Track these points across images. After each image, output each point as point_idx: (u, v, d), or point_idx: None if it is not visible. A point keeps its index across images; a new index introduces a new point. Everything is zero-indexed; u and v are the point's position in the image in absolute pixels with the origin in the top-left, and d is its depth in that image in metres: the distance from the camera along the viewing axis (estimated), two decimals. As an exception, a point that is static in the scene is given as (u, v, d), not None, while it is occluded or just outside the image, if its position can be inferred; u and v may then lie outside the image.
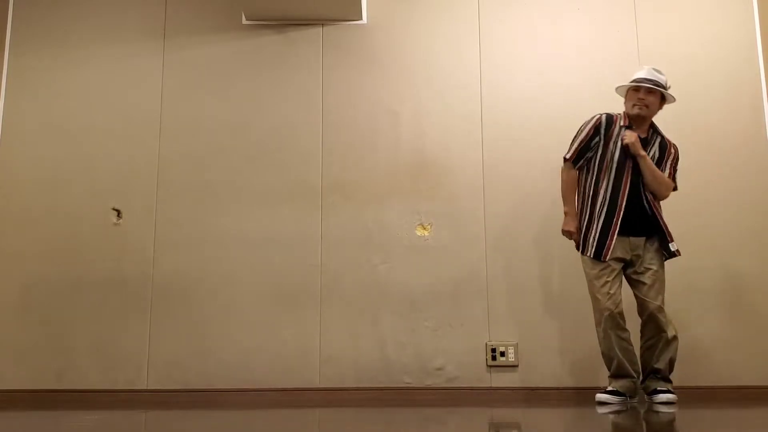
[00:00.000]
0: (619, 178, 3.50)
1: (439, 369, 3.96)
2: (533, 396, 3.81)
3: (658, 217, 3.54)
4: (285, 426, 2.70)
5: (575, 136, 3.61)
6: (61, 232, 4.13)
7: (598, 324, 3.48)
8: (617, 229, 3.46)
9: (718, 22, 4.30)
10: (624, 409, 3.20)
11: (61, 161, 4.22)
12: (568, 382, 3.92)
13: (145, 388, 3.97)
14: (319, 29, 4.33)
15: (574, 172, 3.60)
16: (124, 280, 4.08)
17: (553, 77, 4.25)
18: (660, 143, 3.62)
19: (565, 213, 3.57)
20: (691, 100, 4.21)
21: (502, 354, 3.97)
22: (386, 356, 3.99)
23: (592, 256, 3.48)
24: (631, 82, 3.57)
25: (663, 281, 3.55)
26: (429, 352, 3.99)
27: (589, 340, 3.97)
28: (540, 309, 3.99)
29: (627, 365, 3.45)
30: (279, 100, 4.26)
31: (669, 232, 3.55)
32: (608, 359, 3.49)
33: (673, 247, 3.55)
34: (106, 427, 2.66)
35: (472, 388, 3.92)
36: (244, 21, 4.35)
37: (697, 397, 3.86)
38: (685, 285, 4.02)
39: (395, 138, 4.21)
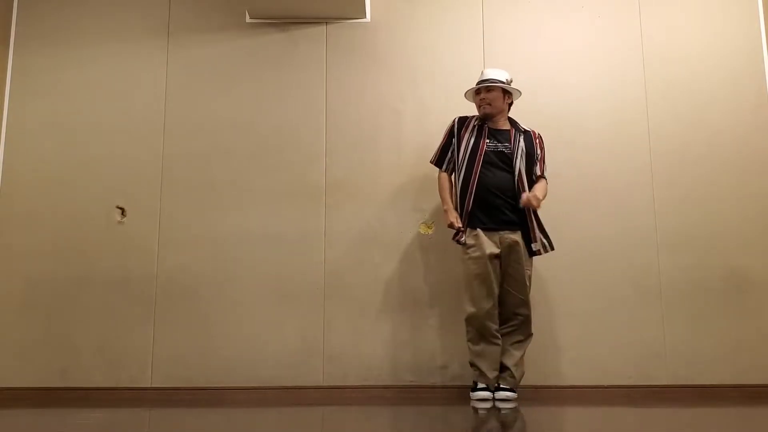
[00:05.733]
0: (470, 170, 3.65)
1: (442, 367, 3.96)
2: (536, 394, 3.81)
3: (526, 214, 3.64)
4: (289, 424, 2.71)
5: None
6: (65, 231, 4.14)
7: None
8: (467, 221, 3.63)
9: (722, 20, 4.30)
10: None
11: (65, 160, 4.22)
12: (570, 380, 3.92)
13: (149, 386, 3.98)
14: (323, 28, 4.33)
15: (444, 175, 3.79)
16: (128, 279, 4.09)
17: (556, 75, 4.25)
18: (525, 137, 3.74)
19: (445, 210, 3.74)
20: (695, 98, 4.21)
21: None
22: (390, 354, 3.99)
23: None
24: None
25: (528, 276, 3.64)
26: (432, 350, 3.99)
27: (591, 338, 3.97)
28: (542, 308, 3.98)
29: None
30: (282, 98, 4.26)
31: (535, 230, 3.63)
32: None
33: (534, 246, 3.64)
34: (110, 425, 2.66)
35: (475, 387, 3.92)
36: (248, 19, 4.35)
37: (702, 395, 3.85)
38: (690, 284, 4.02)
39: (398, 136, 4.21)
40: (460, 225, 3.63)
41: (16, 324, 4.06)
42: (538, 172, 3.74)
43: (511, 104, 3.79)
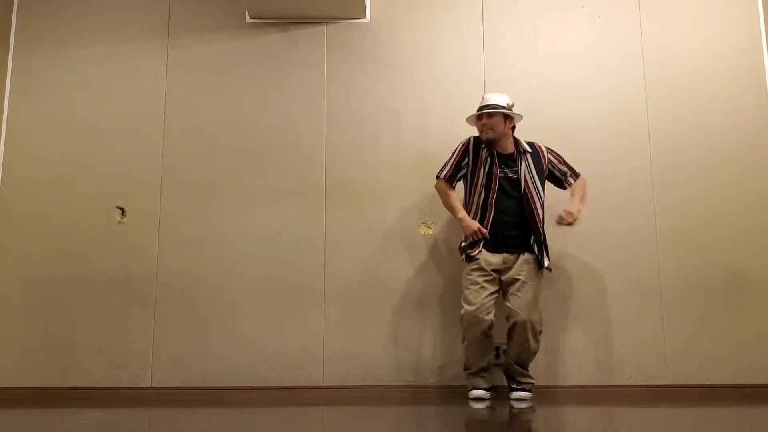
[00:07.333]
0: (487, 196, 3.67)
1: (442, 367, 3.96)
2: (537, 395, 3.81)
3: (534, 234, 3.64)
4: (288, 424, 2.71)
5: (449, 158, 3.79)
6: (65, 230, 4.14)
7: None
8: (482, 243, 3.64)
9: (722, 20, 4.29)
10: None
11: (65, 160, 4.22)
12: (572, 380, 3.92)
13: (149, 386, 3.98)
14: (323, 28, 4.33)
15: (446, 184, 3.76)
16: (128, 279, 4.09)
17: (557, 76, 4.25)
18: (532, 155, 3.75)
19: (461, 219, 3.70)
20: (695, 98, 4.21)
21: (506, 353, 3.97)
22: (390, 354, 3.99)
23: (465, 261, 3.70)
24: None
25: (534, 293, 3.61)
26: (432, 350, 3.99)
27: (591, 338, 3.97)
28: (543, 308, 3.98)
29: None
30: (282, 98, 4.26)
31: (544, 250, 3.65)
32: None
33: (545, 263, 3.65)
34: (110, 425, 2.66)
35: (475, 387, 3.91)
36: (248, 19, 4.35)
37: (702, 395, 3.85)
38: (690, 283, 4.02)
39: (398, 136, 4.21)
40: (486, 232, 3.62)
41: (16, 324, 4.06)
42: (571, 181, 3.78)
43: (513, 127, 3.78)
